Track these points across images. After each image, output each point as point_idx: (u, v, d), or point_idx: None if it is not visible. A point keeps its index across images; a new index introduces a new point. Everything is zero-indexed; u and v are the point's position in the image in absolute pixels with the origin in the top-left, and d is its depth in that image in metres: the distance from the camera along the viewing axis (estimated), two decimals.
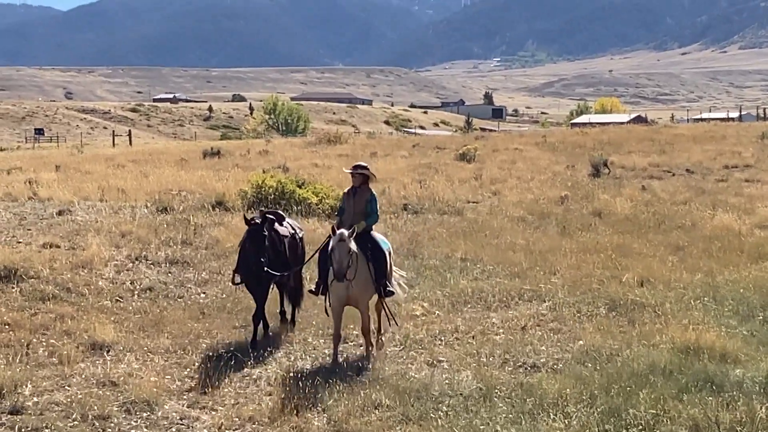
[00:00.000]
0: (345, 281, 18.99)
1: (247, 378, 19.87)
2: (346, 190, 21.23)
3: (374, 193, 21.08)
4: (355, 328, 21.49)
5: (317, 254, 20.94)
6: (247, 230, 21.28)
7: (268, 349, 21.58)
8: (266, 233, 20.80)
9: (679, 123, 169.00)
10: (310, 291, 21.14)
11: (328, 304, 19.94)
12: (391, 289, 20.65)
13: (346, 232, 19.22)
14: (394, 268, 21.85)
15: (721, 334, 22.86)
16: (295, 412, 17.72)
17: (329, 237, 20.30)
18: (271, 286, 21.78)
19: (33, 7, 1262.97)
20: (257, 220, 21.31)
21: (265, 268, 20.70)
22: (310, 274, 23.39)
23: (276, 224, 21.62)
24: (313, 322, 21.57)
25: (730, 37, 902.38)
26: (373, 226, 21.38)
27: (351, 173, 20.85)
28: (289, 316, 22.45)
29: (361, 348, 21.40)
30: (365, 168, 20.94)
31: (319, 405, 18.16)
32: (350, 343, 21.57)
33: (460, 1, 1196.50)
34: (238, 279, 21.38)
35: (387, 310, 20.90)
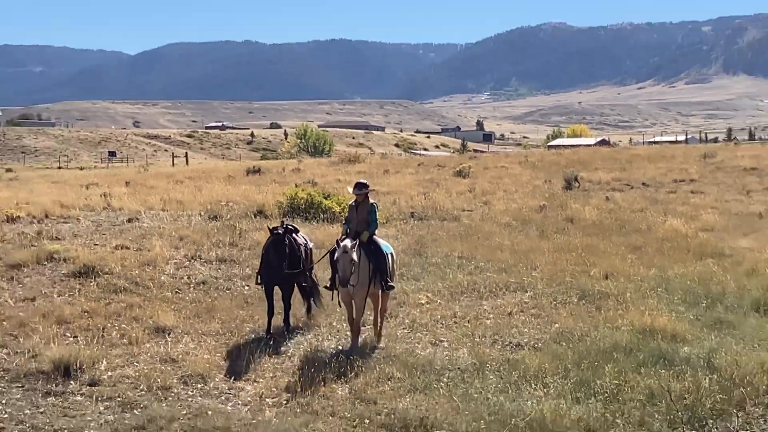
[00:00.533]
0: (349, 285, 19.22)
1: (283, 355, 19.90)
2: (351, 203, 21.17)
3: (374, 204, 21.07)
4: (371, 314, 21.46)
5: (330, 256, 20.74)
6: (271, 239, 21.27)
7: (300, 331, 21.62)
8: (287, 241, 20.93)
9: (636, 145, 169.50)
10: (325, 287, 21.15)
11: (339, 297, 19.98)
12: (392, 284, 20.74)
13: (348, 244, 19.13)
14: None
15: (672, 318, 23.06)
16: (322, 383, 17.83)
17: (337, 242, 20.16)
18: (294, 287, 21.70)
19: (107, 52, 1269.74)
20: (279, 230, 21.36)
21: (287, 270, 20.79)
22: (321, 274, 23.29)
23: (294, 235, 21.71)
24: (338, 309, 21.42)
25: (678, 75, 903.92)
26: (377, 232, 21.27)
27: (354, 191, 20.87)
28: (304, 309, 22.45)
29: (368, 333, 21.43)
30: (365, 186, 20.95)
31: (342, 378, 18.22)
32: (368, 326, 21.54)
33: (456, 46, 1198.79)
34: (260, 280, 21.44)
35: (382, 310, 20.89)
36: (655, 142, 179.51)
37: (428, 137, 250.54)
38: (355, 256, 18.92)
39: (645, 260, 30.08)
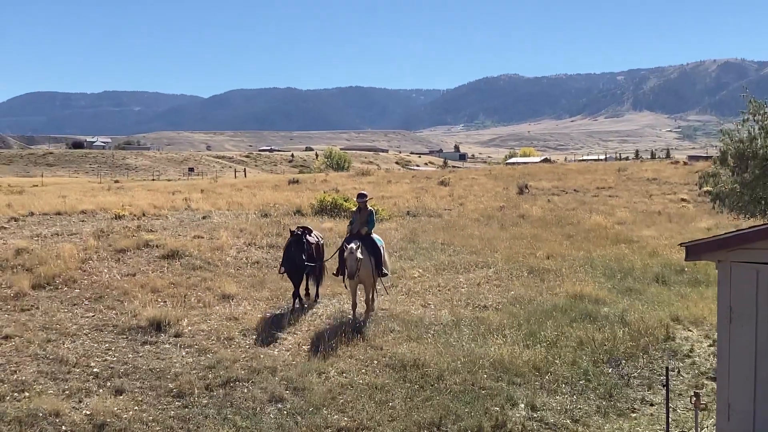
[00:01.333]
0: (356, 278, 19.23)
1: (315, 315, 19.92)
2: (355, 209, 21.15)
3: (372, 210, 21.02)
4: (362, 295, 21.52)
5: (339, 252, 20.45)
6: (292, 238, 20.79)
7: (327, 299, 21.62)
8: (304, 240, 20.64)
9: (569, 162, 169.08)
10: (334, 274, 20.90)
11: (345, 283, 19.96)
12: (386, 271, 20.73)
13: (354, 246, 18.94)
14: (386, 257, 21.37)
15: (595, 287, 23.43)
16: (343, 334, 17.82)
17: (346, 238, 20.28)
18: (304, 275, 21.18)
19: (187, 95, 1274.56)
20: (299, 232, 21.07)
21: (306, 263, 20.43)
22: (329, 264, 23.16)
23: (308, 235, 21.28)
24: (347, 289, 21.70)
25: (599, 111, 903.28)
26: (374, 230, 20.96)
27: (357, 201, 21.08)
28: (312, 293, 21.76)
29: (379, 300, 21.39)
30: (365, 196, 21.07)
31: (357, 331, 18.31)
32: (380, 295, 21.59)
33: (440, 91, 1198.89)
34: (282, 270, 21.00)
35: (374, 289, 20.41)
36: (583, 160, 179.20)
37: (419, 157, 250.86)
38: (359, 255, 18.88)
39: (576, 245, 30.17)
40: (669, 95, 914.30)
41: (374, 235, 20.54)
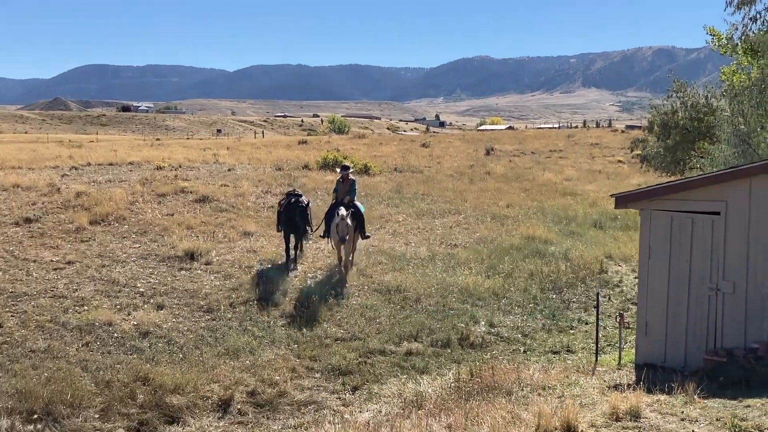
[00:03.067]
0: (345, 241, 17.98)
1: (317, 250, 20.03)
2: (338, 179, 19.59)
3: (354, 180, 19.63)
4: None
5: (326, 215, 19.14)
6: (287, 200, 19.18)
7: (326, 239, 21.80)
8: (298, 201, 19.19)
9: (529, 129, 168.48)
10: (320, 236, 19.61)
11: (331, 243, 18.53)
12: (368, 235, 19.71)
13: (344, 213, 17.69)
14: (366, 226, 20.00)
15: (545, 230, 23.48)
16: (341, 264, 18.02)
17: (332, 205, 18.97)
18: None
19: (216, 69, 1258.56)
20: (293, 194, 19.68)
21: (306, 226, 19.38)
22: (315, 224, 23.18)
23: (301, 197, 19.75)
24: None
25: (555, 88, 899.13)
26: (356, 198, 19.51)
27: (340, 172, 19.84)
28: (296, 254, 19.44)
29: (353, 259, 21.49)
30: (348, 168, 19.77)
31: (353, 263, 18.40)
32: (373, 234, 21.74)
33: (424, 69, 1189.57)
34: (281, 229, 19.28)
35: (351, 251, 18.73)
36: (540, 128, 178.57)
37: (406, 124, 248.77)
38: (349, 221, 17.88)
39: (530, 197, 30.22)
40: (612, 75, 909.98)
41: (357, 203, 19.38)
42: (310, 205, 19.98)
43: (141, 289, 16.02)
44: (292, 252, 18.79)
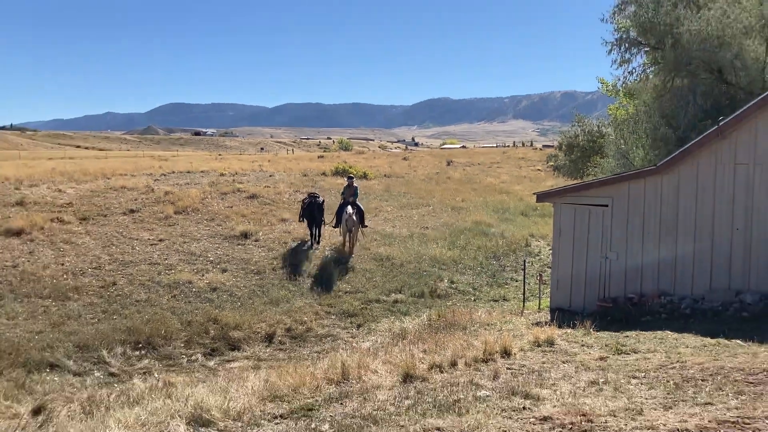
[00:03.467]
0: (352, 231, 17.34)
1: (331, 234, 19.98)
2: (346, 185, 18.79)
3: (357, 186, 18.94)
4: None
5: (338, 210, 18.38)
6: (309, 199, 18.24)
7: (337, 229, 21.72)
8: (317, 201, 18.28)
9: (476, 148, 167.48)
10: (332, 226, 18.36)
11: (340, 232, 17.90)
12: (367, 224, 18.87)
13: (351, 211, 17.10)
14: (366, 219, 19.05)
15: (488, 217, 23.16)
16: (345, 247, 17.96)
17: (341, 204, 18.16)
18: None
19: (259, 106, 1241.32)
20: (313, 195, 18.81)
21: (322, 219, 18.28)
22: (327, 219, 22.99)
23: (318, 198, 18.73)
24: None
25: (494, 119, 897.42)
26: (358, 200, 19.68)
27: (347, 180, 19.02)
28: (318, 239, 18.19)
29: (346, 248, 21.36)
30: (352, 177, 19.23)
31: (354, 246, 18.32)
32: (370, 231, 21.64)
33: (405, 106, 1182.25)
34: (302, 219, 18.32)
35: (356, 237, 17.84)
36: (483, 147, 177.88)
37: (392, 143, 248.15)
38: (355, 218, 17.10)
39: (478, 194, 29.94)
40: (533, 110, 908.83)
41: (359, 203, 18.56)
42: (325, 203, 19.33)
43: (211, 258, 16.01)
44: (314, 235, 18.05)
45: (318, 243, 17.84)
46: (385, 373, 7.01)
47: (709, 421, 4.70)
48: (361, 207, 18.52)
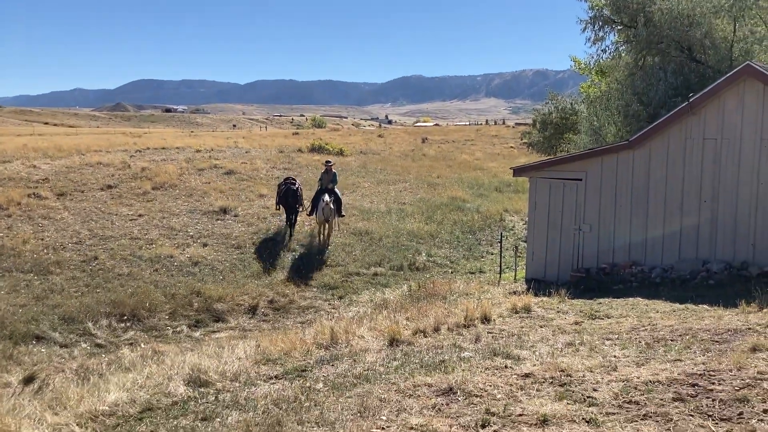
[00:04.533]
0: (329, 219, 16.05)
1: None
2: (323, 171, 17.30)
3: (335, 172, 17.43)
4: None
5: (314, 197, 16.82)
6: (285, 185, 17.11)
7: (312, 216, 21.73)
8: (294, 186, 17.02)
9: (450, 125, 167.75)
10: (307, 214, 16.97)
11: (315, 220, 16.50)
12: (344, 214, 17.36)
13: (328, 199, 15.76)
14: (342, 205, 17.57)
15: (463, 193, 23.39)
16: (320, 238, 18.04)
17: (318, 191, 16.63)
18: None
19: (230, 83, 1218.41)
20: (290, 180, 17.51)
21: (298, 205, 16.92)
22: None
23: (294, 184, 17.30)
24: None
25: (466, 97, 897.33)
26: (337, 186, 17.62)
27: (324, 165, 17.51)
28: (292, 225, 16.91)
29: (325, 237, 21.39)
30: (330, 162, 17.64)
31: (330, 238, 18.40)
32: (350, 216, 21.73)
33: (378, 83, 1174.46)
34: (278, 207, 17.25)
35: (332, 227, 16.54)
36: (457, 125, 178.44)
37: (366, 121, 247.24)
38: (332, 205, 15.89)
39: (453, 171, 29.95)
40: (506, 89, 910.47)
41: (337, 190, 17.23)
42: (301, 188, 18.06)
43: (191, 233, 16.05)
44: (292, 223, 16.88)
45: (292, 228, 16.69)
46: (372, 339, 7.26)
47: (679, 374, 5.04)
48: (340, 195, 17.33)
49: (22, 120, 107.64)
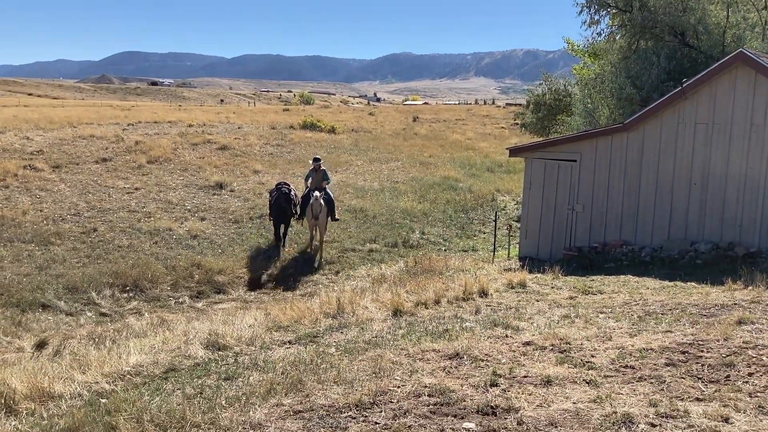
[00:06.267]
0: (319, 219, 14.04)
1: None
2: (311, 169, 15.38)
3: (325, 170, 15.53)
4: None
5: (303, 199, 15.00)
6: (278, 191, 14.66)
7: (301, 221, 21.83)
8: (287, 192, 14.70)
9: (439, 105, 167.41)
10: (296, 218, 14.87)
11: (308, 224, 14.57)
12: (338, 217, 15.44)
13: (318, 194, 14.04)
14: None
15: (455, 172, 23.56)
16: (312, 243, 18.21)
17: (307, 190, 14.86)
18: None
19: (218, 56, 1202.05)
20: (283, 185, 15.00)
21: (294, 214, 14.67)
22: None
23: (287, 188, 14.99)
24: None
25: (456, 76, 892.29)
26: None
27: (312, 163, 15.43)
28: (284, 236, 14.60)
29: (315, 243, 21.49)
30: (319, 160, 15.51)
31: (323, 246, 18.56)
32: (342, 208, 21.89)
33: (366, 60, 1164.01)
34: (271, 219, 14.59)
35: (324, 228, 14.45)
36: (446, 104, 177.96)
37: (354, 99, 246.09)
38: (322, 203, 14.09)
39: (445, 150, 30.19)
40: (495, 68, 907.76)
41: (329, 190, 15.24)
42: (295, 194, 15.40)
43: (188, 207, 16.26)
44: (283, 236, 14.58)
45: (283, 243, 14.39)
46: (376, 310, 7.59)
47: (670, 343, 5.41)
48: (332, 196, 15.28)
49: (5, 90, 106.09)
